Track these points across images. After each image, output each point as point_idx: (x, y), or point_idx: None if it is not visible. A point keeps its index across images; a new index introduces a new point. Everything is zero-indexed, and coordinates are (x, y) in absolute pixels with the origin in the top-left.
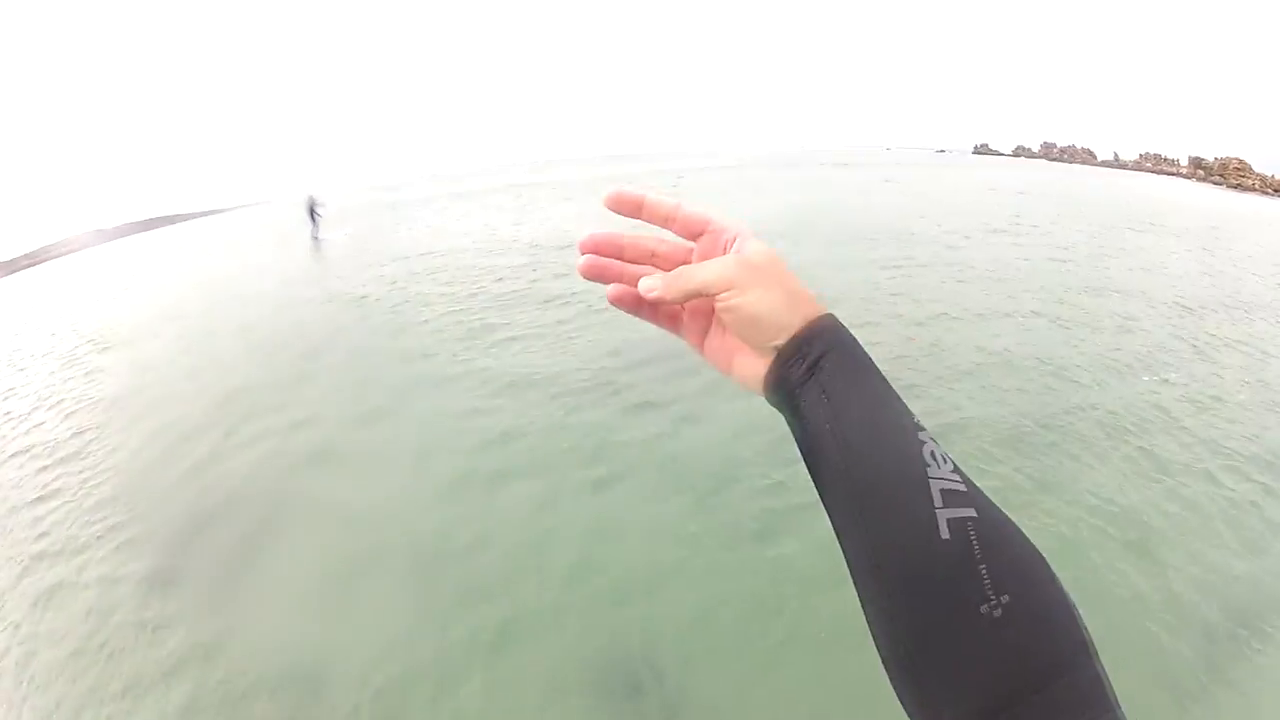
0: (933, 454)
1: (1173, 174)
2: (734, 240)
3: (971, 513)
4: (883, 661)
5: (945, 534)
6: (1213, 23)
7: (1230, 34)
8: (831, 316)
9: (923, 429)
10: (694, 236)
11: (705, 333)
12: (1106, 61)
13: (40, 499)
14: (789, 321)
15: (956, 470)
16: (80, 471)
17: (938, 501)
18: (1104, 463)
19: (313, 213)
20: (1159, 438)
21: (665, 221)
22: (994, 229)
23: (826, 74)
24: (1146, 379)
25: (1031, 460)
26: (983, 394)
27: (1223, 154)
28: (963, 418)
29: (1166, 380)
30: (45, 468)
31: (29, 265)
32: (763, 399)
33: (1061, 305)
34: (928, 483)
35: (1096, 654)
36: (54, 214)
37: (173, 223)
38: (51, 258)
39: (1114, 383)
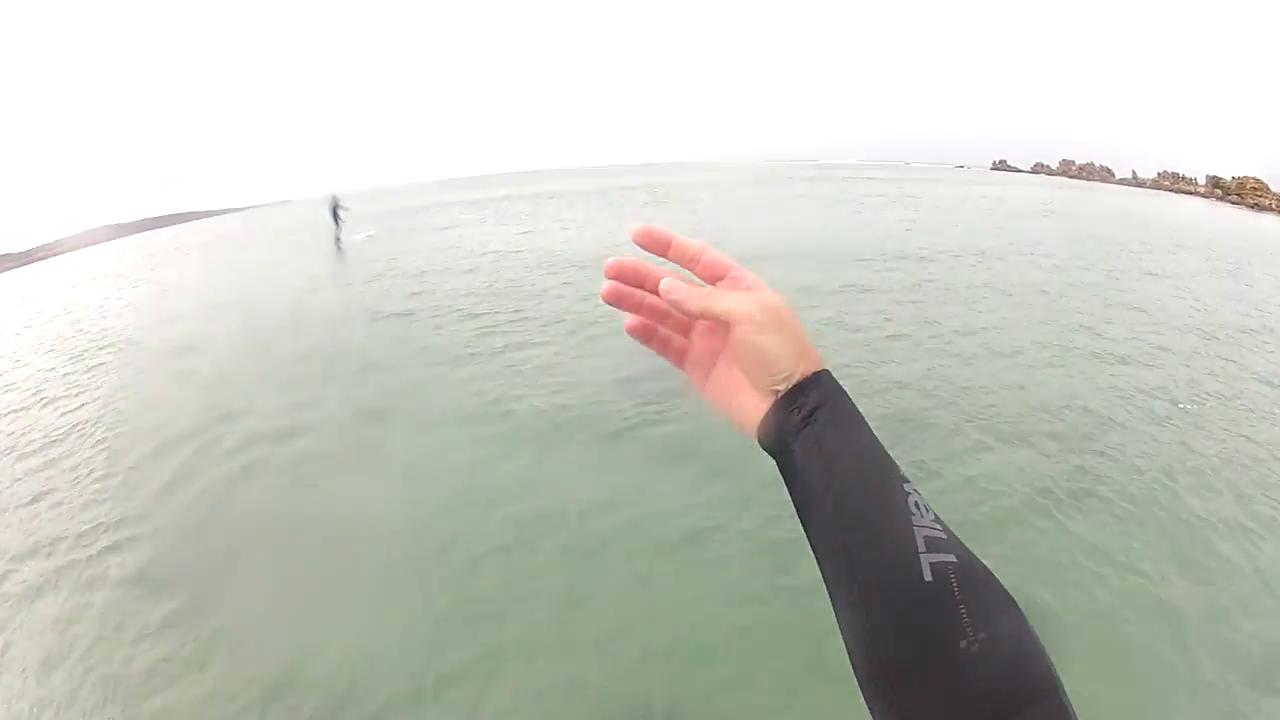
0: (916, 504)
1: (1190, 193)
2: (752, 288)
3: (951, 558)
4: (859, 684)
5: (928, 577)
6: (1230, 42)
7: (1248, 54)
8: (828, 371)
9: (908, 480)
10: (715, 280)
11: (709, 371)
12: (1125, 80)
13: (34, 498)
14: (793, 369)
15: (938, 520)
16: (74, 467)
17: (921, 547)
18: (1133, 505)
19: (335, 214)
20: (1188, 481)
21: (689, 262)
22: (1017, 251)
23: (847, 86)
24: (1177, 407)
25: (1059, 505)
26: (1005, 428)
27: (1239, 173)
28: (984, 453)
29: (1195, 415)
30: (36, 469)
31: (44, 257)
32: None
33: (1087, 333)
34: (912, 530)
35: (1063, 687)
36: (71, 208)
37: (189, 220)
38: (65, 251)
39: (1143, 417)
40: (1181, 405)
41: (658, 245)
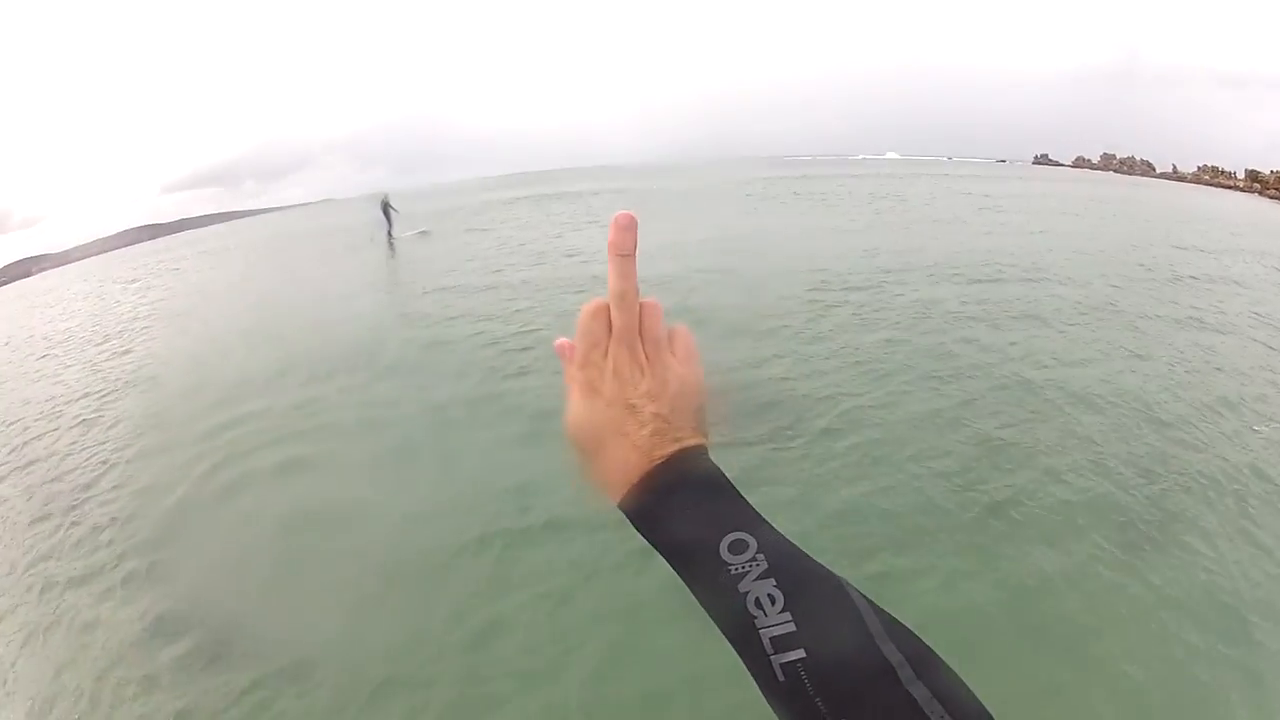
0: (758, 601)
1: (1230, 187)
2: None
3: (800, 654)
4: None
5: (781, 677)
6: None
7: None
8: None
9: (747, 571)
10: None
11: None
12: (1163, 65)
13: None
14: (605, 487)
15: (787, 608)
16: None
17: (769, 649)
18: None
19: (387, 211)
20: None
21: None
22: (1079, 252)
23: (887, 79)
24: (1252, 431)
25: (1133, 542)
26: (1077, 457)
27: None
28: (1050, 477)
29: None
30: (38, 483)
31: (81, 258)
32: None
33: (1148, 337)
34: (757, 634)
35: None
36: (109, 208)
37: (229, 219)
38: (102, 251)
39: (1211, 436)
40: (1259, 431)
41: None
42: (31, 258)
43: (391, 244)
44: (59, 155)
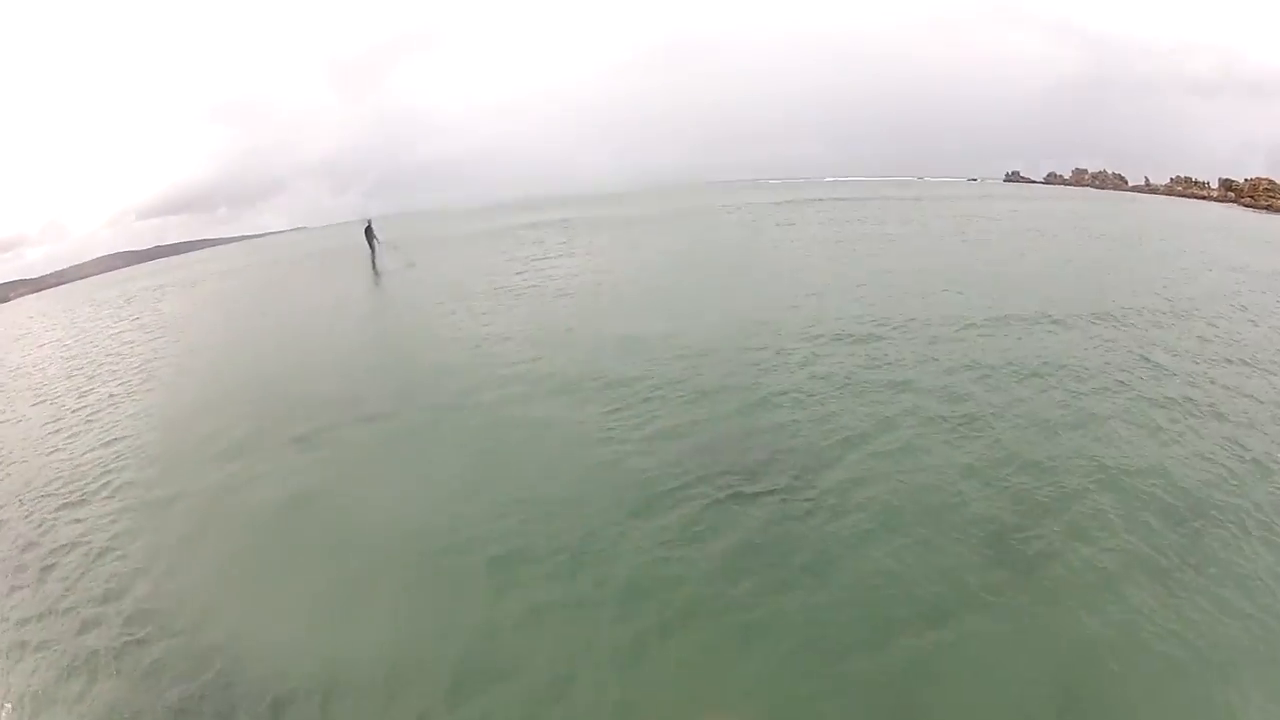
0: None
1: (1203, 197)
2: None
3: None
4: None
5: None
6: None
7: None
8: None
9: None
10: None
11: None
12: (1129, 79)
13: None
14: None
15: None
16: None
17: None
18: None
19: (370, 237)
20: None
21: None
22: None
23: (855, 99)
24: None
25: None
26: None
27: (1250, 174)
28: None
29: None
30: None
31: (57, 284)
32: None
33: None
34: None
35: None
36: (85, 233)
37: (204, 247)
38: (78, 278)
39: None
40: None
41: None
42: (8, 283)
43: (376, 272)
44: (35, 177)
